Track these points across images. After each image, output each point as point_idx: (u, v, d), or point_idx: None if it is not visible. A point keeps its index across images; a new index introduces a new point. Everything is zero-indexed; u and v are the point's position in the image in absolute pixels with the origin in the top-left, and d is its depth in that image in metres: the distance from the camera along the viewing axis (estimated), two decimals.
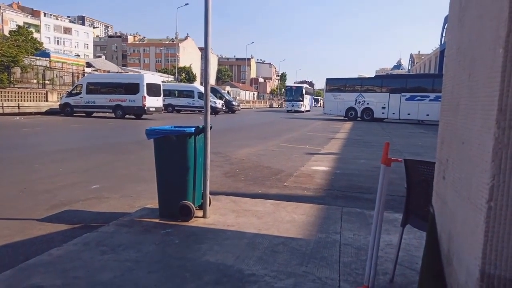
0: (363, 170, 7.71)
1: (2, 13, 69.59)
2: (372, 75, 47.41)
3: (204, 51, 4.05)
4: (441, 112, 2.07)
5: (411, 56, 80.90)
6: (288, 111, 44.26)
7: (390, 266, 2.82)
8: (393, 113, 27.51)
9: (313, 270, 2.86)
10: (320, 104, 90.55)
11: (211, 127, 4.09)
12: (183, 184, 3.95)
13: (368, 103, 28.46)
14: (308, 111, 48.37)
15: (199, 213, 4.09)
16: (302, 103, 44.33)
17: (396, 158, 2.34)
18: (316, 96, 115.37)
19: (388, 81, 30.09)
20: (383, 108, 27.84)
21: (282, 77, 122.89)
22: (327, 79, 31.07)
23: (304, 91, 44.64)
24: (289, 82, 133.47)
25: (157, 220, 3.92)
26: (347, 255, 3.15)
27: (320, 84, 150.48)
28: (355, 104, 28.92)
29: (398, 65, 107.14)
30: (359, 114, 28.85)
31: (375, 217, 2.42)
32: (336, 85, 30.31)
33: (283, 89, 65.57)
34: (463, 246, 1.46)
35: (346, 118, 29.25)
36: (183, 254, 3.11)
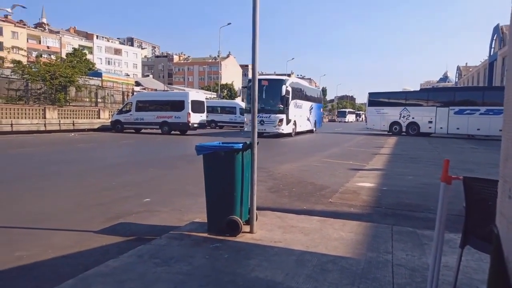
0: (411, 187, 7.43)
1: (61, 37, 75.28)
2: (417, 88, 45.74)
3: (252, 73, 4.16)
4: (504, 127, 1.98)
5: (458, 68, 77.74)
6: (263, 133, 21.33)
7: None
8: (441, 128, 26.38)
9: None
10: (362, 118, 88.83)
11: (257, 143, 4.16)
12: (231, 199, 4.01)
13: (413, 117, 27.50)
14: (310, 131, 27.69)
15: (246, 228, 4.13)
16: (281, 116, 21.11)
17: (456, 176, 2.25)
18: (358, 110, 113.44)
19: (435, 95, 28.97)
20: (430, 122, 26.78)
21: (323, 92, 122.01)
22: (370, 93, 30.45)
23: (285, 91, 20.98)
24: (330, 97, 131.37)
25: (205, 234, 4.00)
26: (401, 277, 3.04)
27: (361, 99, 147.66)
28: (400, 119, 28.06)
29: (445, 78, 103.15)
30: (403, 129, 27.93)
31: (435, 237, 2.32)
32: (379, 99, 29.61)
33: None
34: None
35: (390, 133, 28.40)
36: (233, 269, 3.15)
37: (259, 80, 20.82)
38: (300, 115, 24.71)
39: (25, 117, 22.18)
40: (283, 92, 20.93)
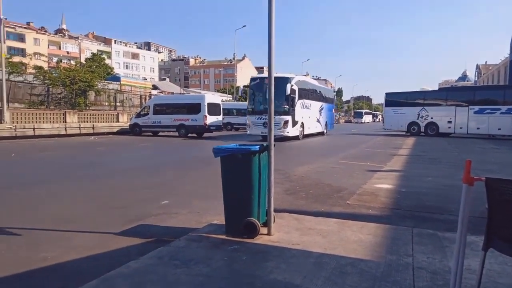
0: (431, 189, 7.30)
1: (80, 43, 77.06)
2: (435, 88, 44.75)
3: (268, 73, 4.17)
4: None
5: (477, 67, 76.14)
6: (264, 135, 17.83)
7: None
8: (461, 128, 25.83)
9: None
10: (379, 119, 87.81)
11: (274, 145, 4.17)
12: (249, 201, 4.03)
13: (432, 118, 27.03)
14: (321, 134, 26.10)
15: (263, 230, 4.12)
16: (286, 117, 19.28)
17: (479, 177, 2.21)
18: (374, 111, 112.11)
19: (454, 94, 28.38)
20: (449, 122, 26.27)
21: (339, 93, 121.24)
22: (387, 93, 30.06)
23: (290, 90, 18.95)
24: (346, 98, 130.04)
25: (223, 236, 4.02)
26: (422, 280, 2.99)
27: (378, 99, 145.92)
28: (418, 119, 27.62)
29: (464, 77, 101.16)
30: (422, 129, 27.47)
31: (457, 240, 2.28)
32: (396, 99, 29.19)
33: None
34: None
35: (408, 134, 27.98)
36: (251, 271, 3.16)
37: (262, 78, 19.84)
38: (309, 116, 22.90)
39: (46, 121, 22.78)
40: (288, 91, 18.85)
